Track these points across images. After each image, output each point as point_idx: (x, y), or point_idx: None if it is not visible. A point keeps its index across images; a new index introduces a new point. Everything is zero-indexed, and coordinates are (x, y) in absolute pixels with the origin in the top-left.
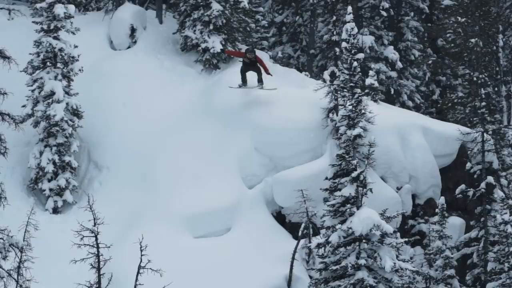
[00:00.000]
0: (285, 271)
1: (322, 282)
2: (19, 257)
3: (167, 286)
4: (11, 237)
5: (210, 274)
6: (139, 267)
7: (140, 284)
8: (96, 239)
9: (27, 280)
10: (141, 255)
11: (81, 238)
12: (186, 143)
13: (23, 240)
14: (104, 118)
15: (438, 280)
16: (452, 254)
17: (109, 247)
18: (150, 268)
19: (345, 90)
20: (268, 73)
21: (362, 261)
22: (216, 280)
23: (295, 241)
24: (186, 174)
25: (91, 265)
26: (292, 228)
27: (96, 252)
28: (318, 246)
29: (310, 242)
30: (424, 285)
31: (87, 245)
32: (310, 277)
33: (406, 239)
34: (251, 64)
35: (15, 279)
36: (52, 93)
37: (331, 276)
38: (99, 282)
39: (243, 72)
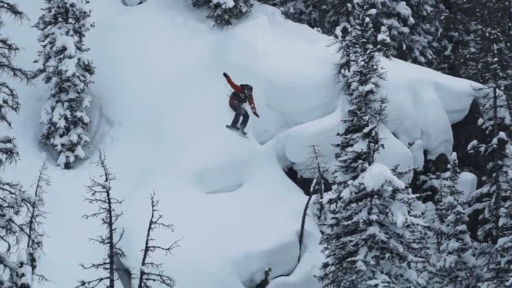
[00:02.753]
0: (297, 227)
1: (333, 237)
2: (31, 212)
3: (179, 241)
4: (23, 192)
5: (222, 230)
6: (151, 222)
7: (151, 239)
8: (108, 194)
9: (39, 235)
10: (153, 210)
11: (93, 193)
12: (198, 99)
13: (35, 195)
14: (116, 73)
15: (449, 235)
16: (463, 209)
17: (120, 202)
18: (162, 223)
19: (357, 45)
20: (256, 114)
21: (373, 217)
22: (227, 236)
23: (307, 196)
24: (197, 130)
25: (103, 220)
26: (303, 184)
27: (107, 207)
28: (330, 201)
29: (321, 197)
30: (436, 240)
31: (99, 200)
32: (322, 232)
33: (418, 195)
34: (243, 101)
35: (27, 234)
36: (64, 49)
37: (343, 232)
38: (110, 237)
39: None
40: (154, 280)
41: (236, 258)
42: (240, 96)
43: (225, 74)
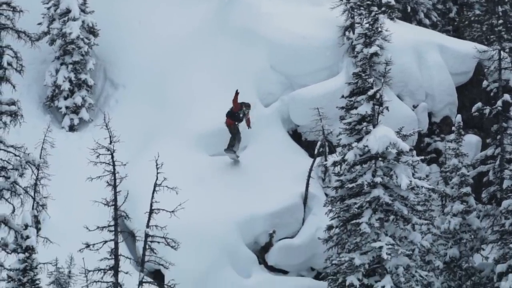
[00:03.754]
0: (301, 189)
1: (338, 199)
2: (36, 175)
3: (183, 204)
4: (28, 154)
5: (226, 192)
6: (155, 184)
7: (156, 202)
8: (112, 157)
9: (44, 197)
10: (157, 173)
11: (97, 156)
12: (202, 62)
13: (40, 158)
14: (120, 36)
15: (454, 197)
16: (468, 171)
17: (125, 164)
18: (166, 186)
19: (361, 8)
20: (249, 126)
21: (378, 179)
22: (231, 198)
23: (311, 159)
24: (201, 93)
25: (107, 182)
26: (308, 146)
27: (112, 170)
28: (334, 164)
29: (326, 160)
30: (440, 202)
31: (103, 162)
32: (326, 194)
33: (422, 157)
34: (240, 121)
35: (32, 196)
36: (68, 11)
37: (347, 194)
38: (115, 200)
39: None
40: (158, 242)
41: (240, 221)
42: (239, 115)
43: (237, 92)
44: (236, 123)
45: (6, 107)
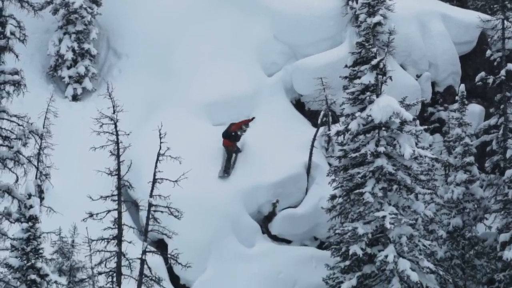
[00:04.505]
0: (304, 159)
1: (341, 169)
2: (39, 144)
3: (186, 173)
4: (31, 124)
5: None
6: (158, 154)
7: (159, 171)
8: (116, 126)
9: (47, 167)
10: (160, 143)
11: (101, 126)
12: (205, 32)
13: (43, 127)
14: (123, 5)
15: (457, 167)
16: (471, 141)
17: (128, 134)
18: (170, 155)
19: None
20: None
21: (381, 149)
22: (234, 168)
23: (314, 128)
24: (205, 62)
25: (111, 152)
26: (311, 116)
27: (115, 139)
28: (338, 133)
29: (329, 129)
30: (443, 172)
31: (107, 132)
32: (329, 164)
33: (426, 127)
34: (238, 138)
35: (35, 166)
36: None
37: (350, 164)
38: (118, 169)
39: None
40: (162, 212)
41: (243, 190)
42: (236, 133)
43: (253, 119)
44: (235, 142)
45: (9, 76)
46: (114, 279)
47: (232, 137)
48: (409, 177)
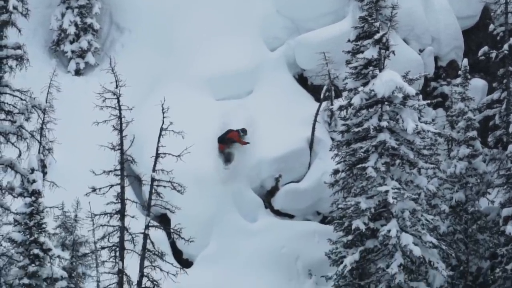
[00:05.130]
0: (307, 133)
1: (344, 144)
2: (42, 119)
3: (189, 148)
4: (34, 98)
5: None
6: (161, 129)
7: (162, 146)
8: (118, 101)
9: (50, 141)
10: (163, 117)
11: (103, 100)
12: (208, 6)
13: (46, 102)
14: None
15: (460, 141)
16: (474, 115)
17: (131, 109)
18: (172, 130)
19: None
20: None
21: (384, 123)
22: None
23: (317, 103)
24: (207, 37)
25: (113, 127)
26: (314, 91)
27: (118, 114)
28: (340, 108)
29: (332, 104)
30: (446, 146)
31: (109, 107)
32: (332, 139)
33: (428, 101)
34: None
35: (38, 140)
36: None
37: (353, 138)
38: (121, 144)
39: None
40: (164, 186)
41: (246, 165)
42: (231, 139)
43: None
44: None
45: (12, 51)
46: (117, 253)
47: (225, 141)
48: (412, 151)
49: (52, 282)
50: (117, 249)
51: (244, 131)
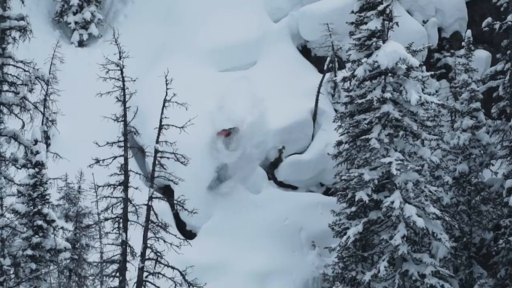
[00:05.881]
0: (311, 105)
1: (347, 115)
2: (45, 90)
3: (193, 119)
4: (37, 69)
5: (235, 108)
6: (165, 100)
7: (165, 118)
8: (122, 73)
9: (53, 113)
10: (167, 89)
11: (107, 72)
12: None
13: (49, 73)
14: None
15: (463, 113)
16: (477, 87)
17: (134, 80)
18: (176, 102)
19: None
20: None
21: (387, 95)
22: (241, 114)
23: (321, 74)
24: (211, 8)
25: (117, 98)
26: (317, 62)
27: (121, 86)
28: (344, 79)
29: (335, 75)
30: (450, 118)
31: (113, 78)
32: (336, 110)
33: (432, 73)
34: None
35: (41, 112)
36: None
37: (357, 110)
38: (124, 115)
39: None
40: (168, 158)
41: (249, 136)
42: None
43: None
44: None
45: (15, 22)
46: (121, 225)
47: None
48: (416, 123)
49: (55, 253)
50: (121, 220)
51: (236, 130)
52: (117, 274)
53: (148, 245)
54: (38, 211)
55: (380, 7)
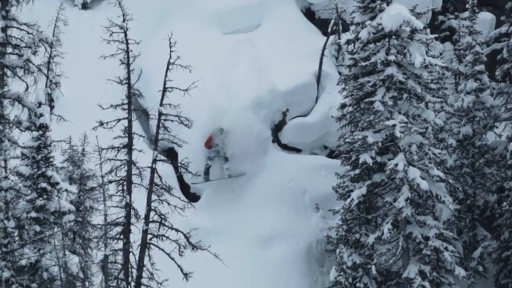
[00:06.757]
0: (314, 67)
1: (351, 78)
2: (49, 53)
3: (196, 82)
4: (41, 32)
5: (239, 71)
6: (168, 63)
7: (169, 80)
8: (125, 35)
9: (57, 75)
10: (170, 51)
11: (111, 34)
12: None
13: (53, 36)
14: None
15: (467, 75)
16: (482, 49)
17: (138, 43)
18: (179, 64)
19: None
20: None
21: (391, 57)
22: (245, 77)
23: (325, 37)
24: None
25: (121, 61)
26: (321, 25)
27: (125, 48)
28: (348, 42)
29: (339, 38)
30: (454, 80)
31: (116, 41)
32: (339, 73)
33: (436, 35)
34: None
35: (45, 74)
36: None
37: (361, 72)
38: (128, 78)
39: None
40: (172, 121)
41: (254, 99)
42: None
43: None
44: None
45: None
46: (125, 187)
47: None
48: (419, 85)
49: (59, 216)
50: (125, 183)
51: (221, 130)
52: (121, 237)
53: (152, 207)
54: (42, 174)
55: None
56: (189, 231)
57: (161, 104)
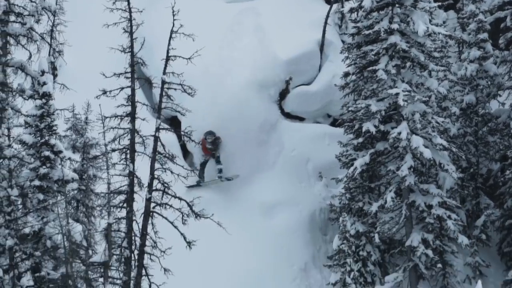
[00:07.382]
0: (318, 36)
1: (354, 46)
2: (52, 21)
3: (199, 51)
4: (44, 0)
5: (242, 40)
6: (171, 31)
7: (172, 49)
8: (129, 3)
9: (60, 44)
10: (173, 20)
11: (113, 2)
12: None
13: (56, 4)
14: None
15: (471, 44)
16: (485, 17)
17: (141, 11)
18: (183, 33)
19: None
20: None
21: (395, 26)
22: (247, 45)
23: (328, 5)
24: None
25: (124, 29)
26: None
27: (128, 16)
28: (351, 10)
29: (343, 6)
30: (457, 49)
31: (119, 9)
32: (343, 41)
33: (439, 3)
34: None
35: (48, 43)
36: None
37: (364, 41)
38: (131, 47)
39: (203, 165)
40: (175, 89)
41: (256, 67)
42: (208, 146)
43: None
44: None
45: None
46: (128, 156)
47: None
48: (423, 54)
49: (63, 184)
50: (128, 151)
51: (210, 133)
52: (125, 205)
53: (155, 176)
54: (45, 142)
55: None
56: (192, 200)
57: (164, 73)
